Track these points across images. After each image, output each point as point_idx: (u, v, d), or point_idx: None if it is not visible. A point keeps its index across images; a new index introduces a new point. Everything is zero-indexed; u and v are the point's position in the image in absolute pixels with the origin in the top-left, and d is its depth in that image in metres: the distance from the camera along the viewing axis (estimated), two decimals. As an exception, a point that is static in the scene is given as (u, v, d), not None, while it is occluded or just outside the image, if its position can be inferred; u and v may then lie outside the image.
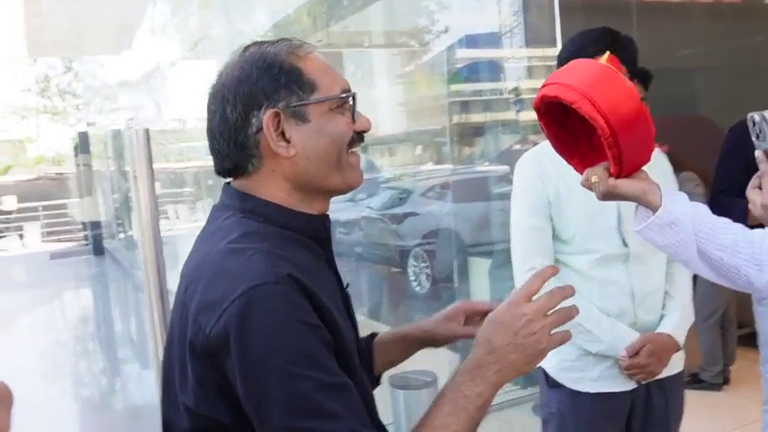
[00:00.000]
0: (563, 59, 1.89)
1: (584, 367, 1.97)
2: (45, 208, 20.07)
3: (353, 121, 1.12)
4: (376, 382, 1.37)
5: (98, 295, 11.58)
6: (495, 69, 4.93)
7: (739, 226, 1.23)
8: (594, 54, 1.83)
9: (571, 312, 1.07)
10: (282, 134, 1.06)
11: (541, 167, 1.97)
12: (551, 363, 2.05)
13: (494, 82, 5.02)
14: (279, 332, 0.92)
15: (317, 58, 1.12)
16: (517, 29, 4.18)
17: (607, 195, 1.23)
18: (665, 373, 1.97)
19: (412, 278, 6.34)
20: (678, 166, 3.30)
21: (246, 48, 1.13)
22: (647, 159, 1.22)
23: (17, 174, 26.76)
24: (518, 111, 4.72)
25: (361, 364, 1.21)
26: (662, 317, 1.99)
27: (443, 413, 1.00)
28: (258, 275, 0.95)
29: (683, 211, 1.21)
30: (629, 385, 1.97)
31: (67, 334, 8.46)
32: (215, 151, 1.11)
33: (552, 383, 2.05)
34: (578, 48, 1.87)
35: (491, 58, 4.90)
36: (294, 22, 7.18)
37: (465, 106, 5.39)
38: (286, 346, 0.92)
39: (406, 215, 6.65)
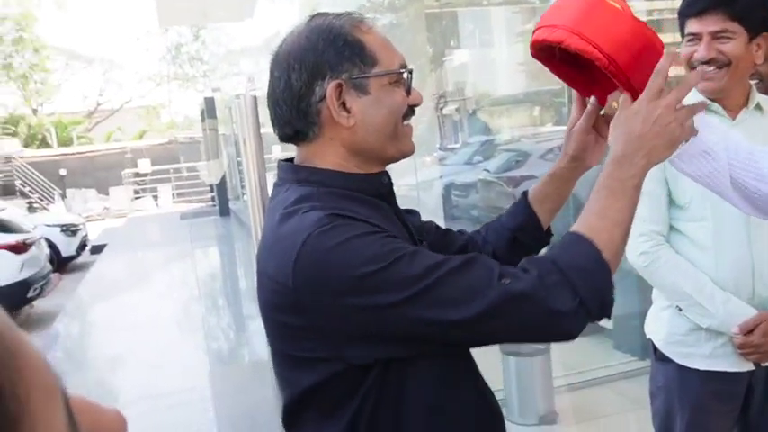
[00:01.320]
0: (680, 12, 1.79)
1: (694, 342, 1.87)
2: (175, 171, 21.18)
3: (408, 94, 1.16)
4: (547, 234, 1.42)
5: (224, 254, 12.14)
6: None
7: None
8: (706, 9, 1.73)
9: (697, 107, 1.12)
10: (343, 104, 1.10)
11: None
12: (660, 335, 1.96)
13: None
14: (350, 253, 0.98)
15: (378, 33, 1.16)
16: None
17: None
18: None
19: (528, 243, 6.22)
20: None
21: (311, 18, 1.16)
22: None
23: (151, 138, 28.33)
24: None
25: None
26: None
27: (602, 198, 1.07)
28: (312, 224, 1.01)
29: (716, 139, 1.17)
30: (744, 366, 1.84)
31: (197, 290, 8.93)
32: (277, 117, 1.15)
33: (660, 357, 1.96)
34: (687, 5, 1.77)
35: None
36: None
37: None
38: (365, 256, 0.98)
39: (524, 178, 6.49)
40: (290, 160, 1.20)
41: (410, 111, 1.17)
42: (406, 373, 1.06)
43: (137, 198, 21.62)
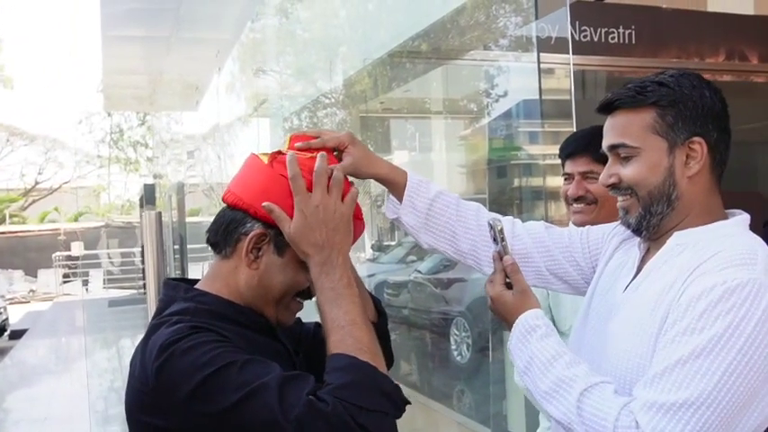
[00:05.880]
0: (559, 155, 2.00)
1: None
2: (109, 255, 20.71)
3: None
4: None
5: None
6: (534, 137, 4.91)
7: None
8: (575, 152, 1.93)
9: (339, 178, 1.22)
10: (258, 249, 1.20)
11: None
12: None
13: (530, 149, 4.98)
14: (191, 359, 1.06)
15: None
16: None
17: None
18: None
19: (453, 347, 6.25)
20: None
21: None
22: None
23: (88, 221, 27.78)
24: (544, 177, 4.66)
25: None
26: None
27: (327, 312, 1.15)
28: (170, 333, 1.10)
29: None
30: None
31: (119, 382, 8.61)
32: (215, 221, 1.25)
33: None
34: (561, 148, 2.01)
35: (532, 125, 4.89)
36: (355, 84, 7.35)
37: (504, 171, 5.36)
38: (201, 362, 1.05)
39: (452, 281, 6.59)
40: (178, 280, 1.29)
41: (308, 293, 1.25)
42: None
43: (66, 282, 20.93)
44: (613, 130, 1.33)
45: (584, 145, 1.92)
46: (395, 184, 1.47)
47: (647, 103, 1.28)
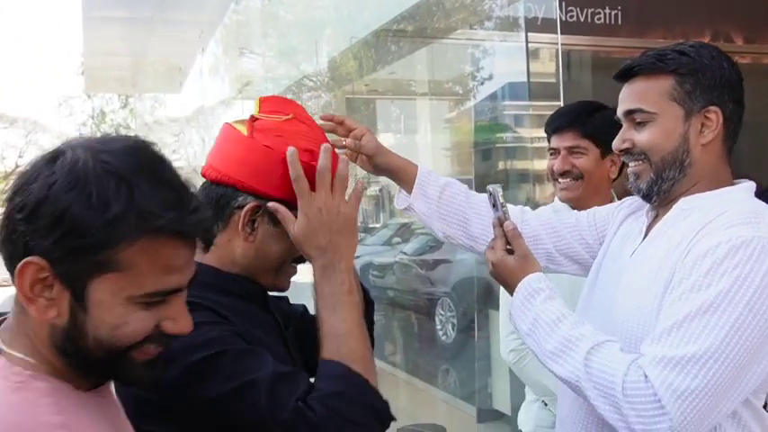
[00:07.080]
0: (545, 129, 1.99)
1: None
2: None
3: None
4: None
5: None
6: (521, 119, 4.91)
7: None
8: (561, 127, 1.93)
9: (342, 173, 1.18)
10: (253, 222, 1.18)
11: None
12: (528, 427, 2.04)
13: (517, 131, 4.97)
14: (193, 337, 1.00)
15: None
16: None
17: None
18: None
19: (438, 327, 6.29)
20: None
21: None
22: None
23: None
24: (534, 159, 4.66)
25: None
26: None
27: (326, 318, 1.13)
28: None
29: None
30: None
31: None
32: (202, 196, 1.19)
33: None
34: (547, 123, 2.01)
35: (518, 107, 4.89)
36: (340, 66, 7.32)
37: (490, 153, 5.37)
38: (198, 342, 1.03)
39: (437, 262, 6.61)
40: None
41: (303, 257, 1.22)
42: None
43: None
44: (631, 96, 1.34)
45: (571, 120, 1.92)
46: (406, 174, 1.53)
47: (667, 70, 1.30)
